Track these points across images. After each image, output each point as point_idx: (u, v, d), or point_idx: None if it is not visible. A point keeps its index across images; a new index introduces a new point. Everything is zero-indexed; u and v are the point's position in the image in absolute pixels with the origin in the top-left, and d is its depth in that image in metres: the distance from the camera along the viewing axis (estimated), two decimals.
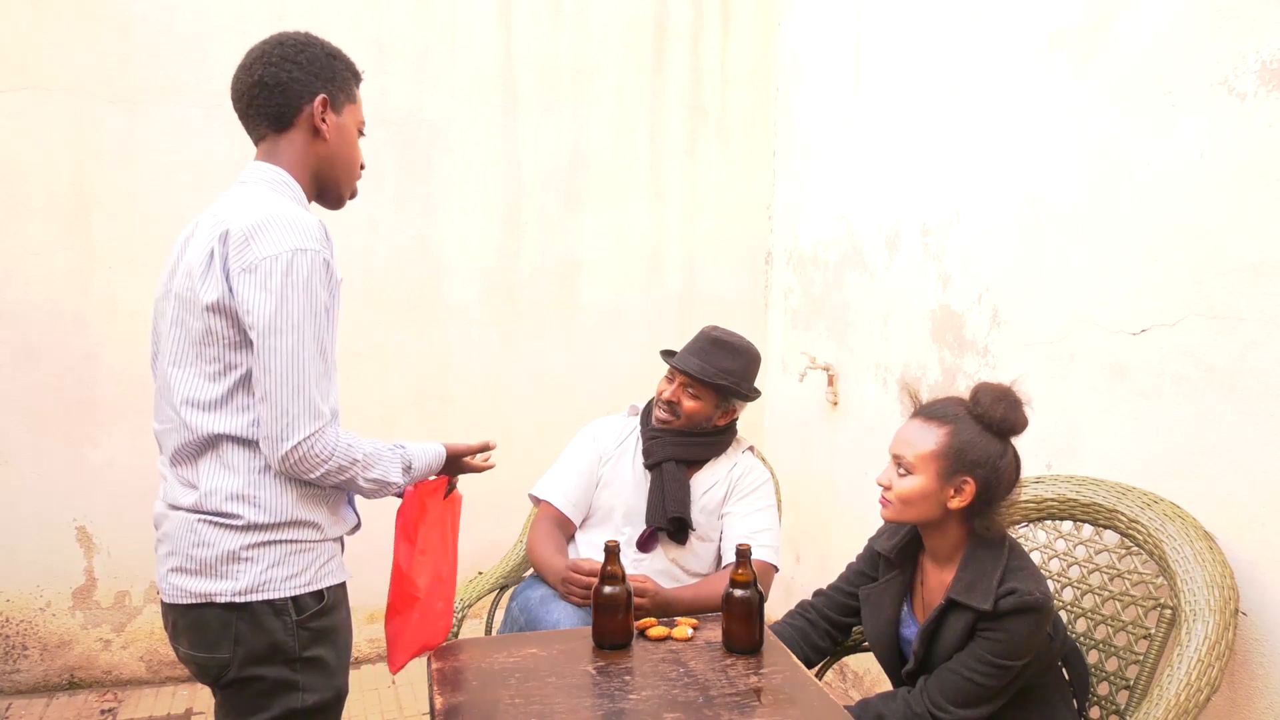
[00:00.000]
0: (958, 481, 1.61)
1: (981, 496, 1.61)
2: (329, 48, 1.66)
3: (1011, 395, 1.63)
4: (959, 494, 1.62)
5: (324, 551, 1.56)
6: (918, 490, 1.63)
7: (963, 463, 1.60)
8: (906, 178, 2.74)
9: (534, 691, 1.59)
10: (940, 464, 1.62)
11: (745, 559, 1.75)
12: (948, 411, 1.65)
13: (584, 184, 3.42)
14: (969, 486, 1.61)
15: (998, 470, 1.61)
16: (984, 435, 1.61)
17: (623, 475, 2.32)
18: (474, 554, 3.28)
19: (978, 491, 1.61)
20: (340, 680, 1.57)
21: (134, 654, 3.12)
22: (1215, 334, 1.75)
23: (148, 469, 3.05)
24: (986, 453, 1.60)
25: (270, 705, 1.50)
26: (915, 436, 1.65)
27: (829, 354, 3.21)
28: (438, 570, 1.79)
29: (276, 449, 1.42)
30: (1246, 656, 1.69)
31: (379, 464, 1.56)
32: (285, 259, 1.41)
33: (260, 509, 1.47)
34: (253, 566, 1.47)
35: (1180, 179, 1.82)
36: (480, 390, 3.38)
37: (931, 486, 1.62)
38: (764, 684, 1.64)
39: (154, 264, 3.00)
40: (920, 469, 1.63)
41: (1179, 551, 1.68)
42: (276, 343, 1.40)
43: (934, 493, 1.63)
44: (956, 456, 1.61)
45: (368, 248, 3.19)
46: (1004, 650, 1.55)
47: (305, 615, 1.50)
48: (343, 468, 1.49)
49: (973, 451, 1.60)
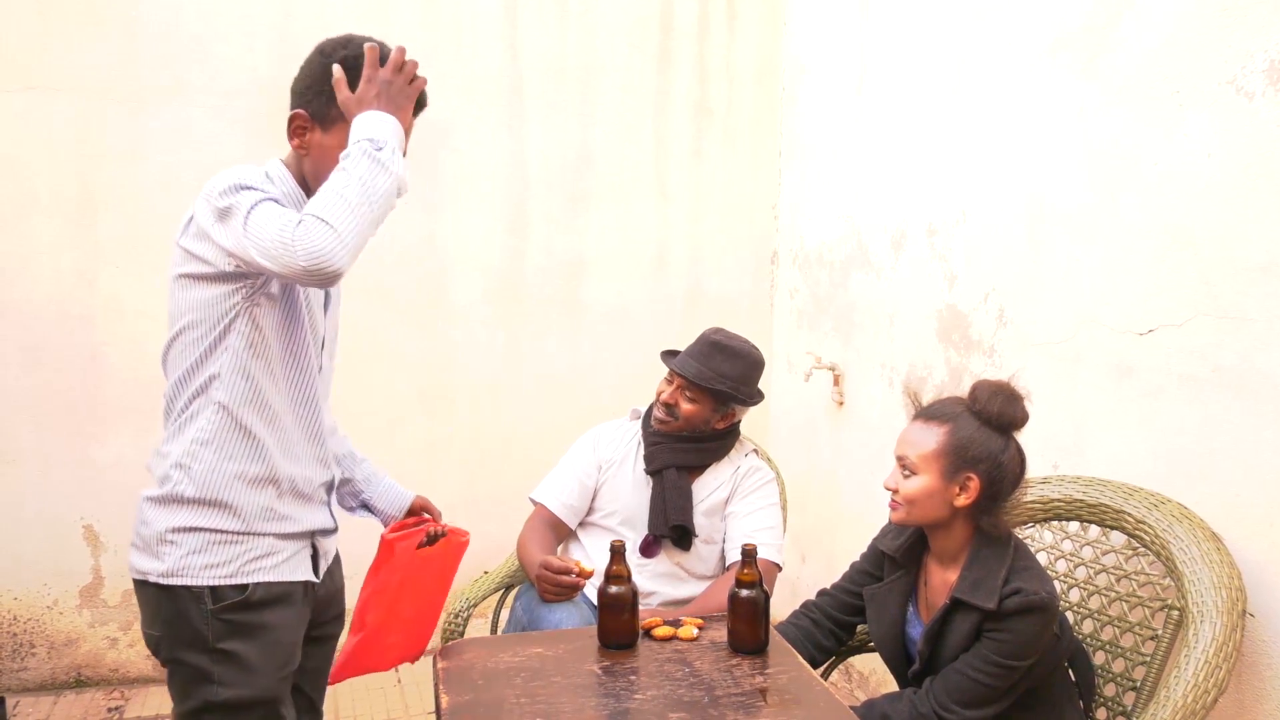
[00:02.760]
0: (962, 479, 1.62)
1: (987, 492, 1.62)
2: (344, 58, 1.64)
3: (1009, 389, 1.64)
4: (964, 491, 1.62)
5: (256, 546, 1.56)
6: (923, 490, 1.63)
7: (964, 459, 1.61)
8: (912, 177, 2.74)
9: (539, 691, 1.59)
10: (942, 462, 1.62)
11: (750, 559, 1.75)
12: (947, 410, 1.66)
13: (590, 183, 3.41)
14: (973, 483, 1.61)
15: (1000, 465, 1.61)
16: (984, 431, 1.62)
17: (624, 480, 2.32)
18: (479, 554, 3.27)
19: (983, 487, 1.61)
20: (266, 681, 1.53)
21: (141, 652, 3.13)
22: (1223, 334, 1.74)
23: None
24: (988, 448, 1.61)
25: (191, 694, 1.52)
26: (917, 437, 1.66)
27: (835, 354, 3.20)
28: (394, 608, 1.90)
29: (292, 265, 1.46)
30: (1254, 658, 1.68)
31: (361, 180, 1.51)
32: (226, 183, 1.52)
33: (191, 480, 1.54)
34: (175, 550, 1.52)
35: (1187, 179, 1.82)
36: (485, 390, 3.38)
37: (936, 485, 1.63)
38: (769, 684, 1.63)
39: (160, 263, 3.00)
40: (924, 469, 1.63)
41: (1186, 552, 1.68)
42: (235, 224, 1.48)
43: (939, 491, 1.63)
44: (958, 454, 1.61)
45: (374, 248, 3.17)
46: (1010, 650, 1.55)
47: (221, 605, 1.50)
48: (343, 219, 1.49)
49: (974, 448, 1.61)
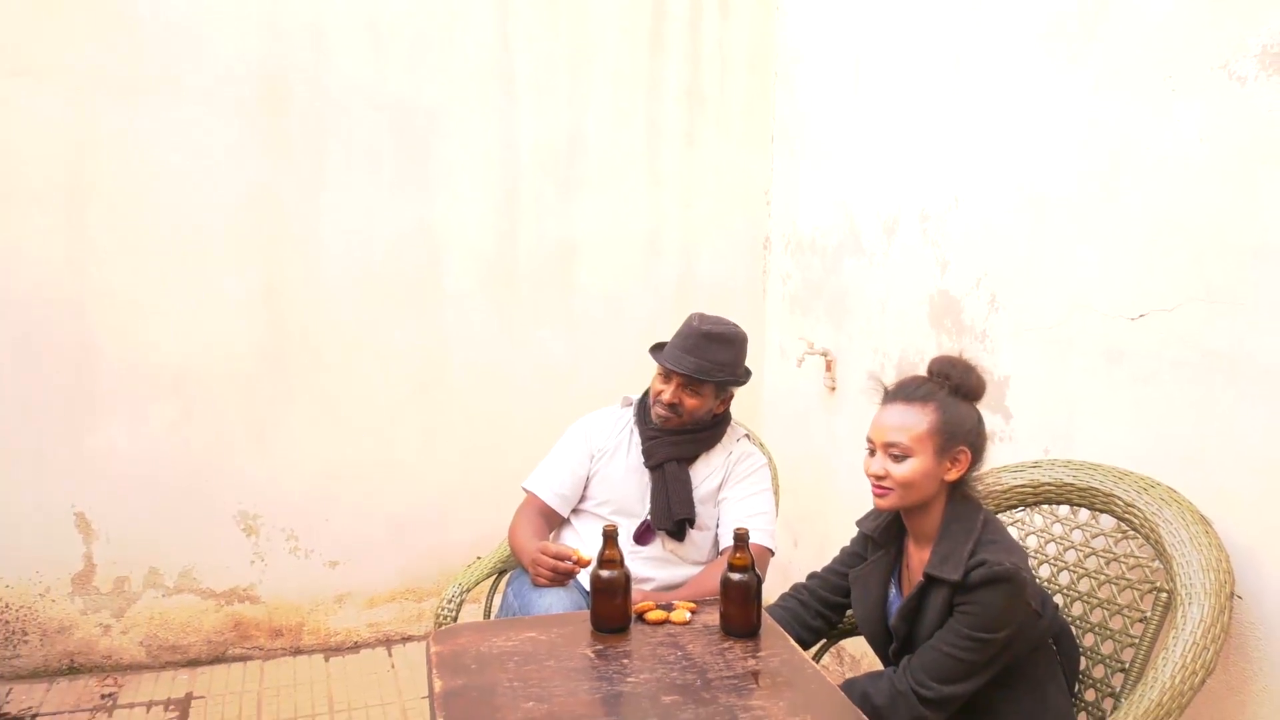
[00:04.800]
0: (954, 453, 1.66)
1: (973, 462, 1.68)
2: None
3: (968, 361, 1.73)
4: (955, 465, 1.66)
5: None
6: (919, 471, 1.65)
7: (955, 434, 1.66)
8: (905, 163, 2.74)
9: (532, 675, 1.60)
10: (936, 440, 1.65)
11: (743, 543, 1.75)
12: (925, 390, 1.69)
13: (582, 170, 3.40)
14: (964, 455, 1.67)
15: (980, 434, 1.69)
16: (962, 405, 1.68)
17: (616, 469, 2.32)
18: (473, 540, 3.30)
19: (971, 459, 1.68)
20: None
21: (133, 639, 3.13)
22: (1214, 319, 1.75)
23: (146, 456, 3.05)
24: (971, 419, 1.68)
25: None
26: (904, 420, 1.66)
27: (827, 339, 3.21)
28: None
29: None
30: (1242, 640, 1.69)
31: None
32: None
33: None
34: None
35: (1180, 163, 1.82)
36: (480, 378, 3.38)
37: (931, 464, 1.65)
38: (761, 667, 1.64)
39: (152, 253, 3.00)
40: (918, 450, 1.65)
41: (1175, 535, 1.69)
42: None
43: (933, 469, 1.66)
44: (949, 430, 1.65)
45: (366, 235, 3.18)
46: (979, 623, 1.56)
47: None
48: None
49: (963, 422, 1.67)
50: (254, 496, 3.19)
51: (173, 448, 3.08)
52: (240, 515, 3.19)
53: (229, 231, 3.05)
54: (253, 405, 3.15)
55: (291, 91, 3.05)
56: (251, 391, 3.14)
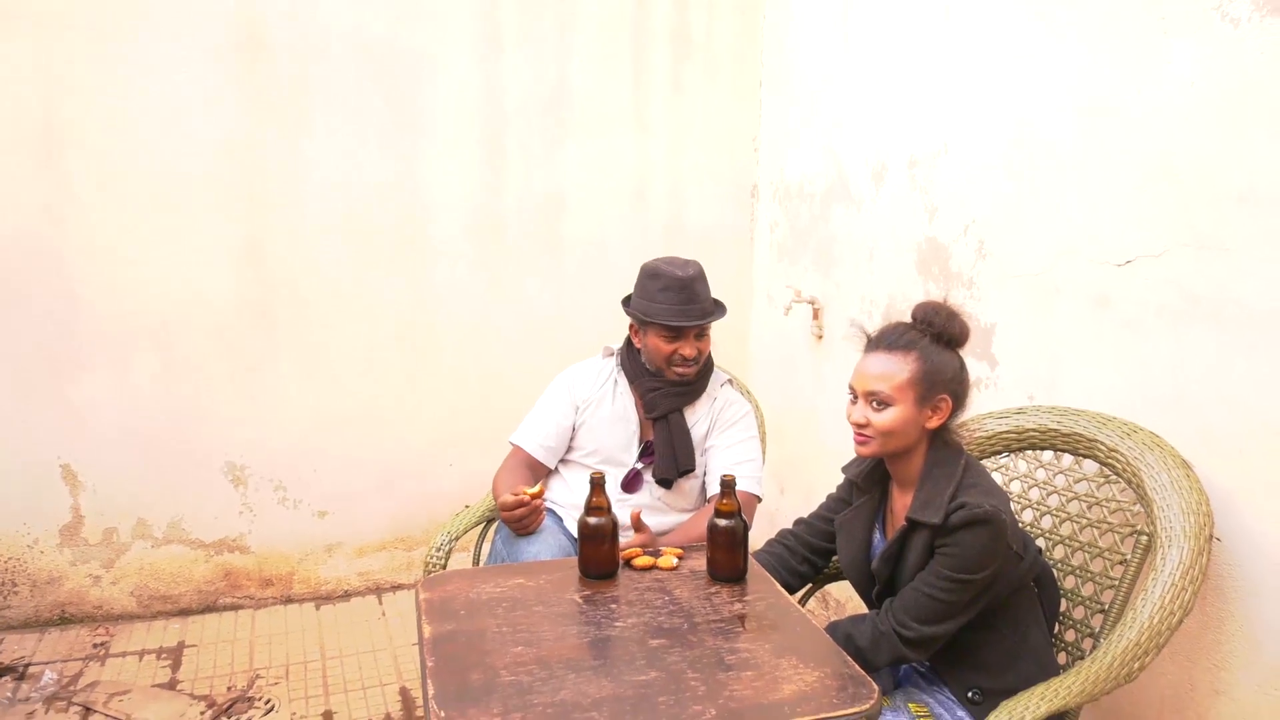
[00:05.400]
0: (935, 401, 1.66)
1: (955, 409, 1.68)
2: None
3: (951, 307, 1.70)
4: (936, 413, 1.66)
5: None
6: (900, 419, 1.65)
7: (936, 382, 1.65)
8: (894, 109, 2.71)
9: (521, 620, 1.62)
10: (918, 389, 1.65)
11: (729, 489, 1.77)
12: (907, 338, 1.68)
13: (568, 116, 3.36)
14: (945, 403, 1.66)
15: (962, 380, 1.69)
16: (944, 352, 1.67)
17: (602, 419, 2.32)
18: (462, 489, 3.31)
19: (953, 406, 1.67)
20: None
21: (124, 589, 3.15)
22: (1201, 264, 1.75)
23: (131, 408, 3.04)
24: (952, 367, 1.67)
25: None
26: (886, 368, 1.66)
27: (814, 287, 3.20)
28: None
29: None
30: (1219, 581, 1.72)
31: None
32: None
33: None
34: None
35: (1170, 108, 1.80)
36: (467, 328, 3.37)
37: (911, 413, 1.65)
38: (748, 610, 1.66)
39: (131, 202, 2.95)
40: (899, 399, 1.65)
41: (1157, 479, 1.71)
42: None
43: (914, 418, 1.66)
44: (931, 378, 1.65)
45: (351, 185, 3.14)
46: (958, 564, 1.58)
47: None
48: None
49: (944, 370, 1.66)
50: (241, 447, 3.19)
51: (157, 399, 3.07)
52: (228, 466, 3.19)
53: (209, 180, 3.00)
54: (237, 356, 3.13)
55: (270, 33, 2.98)
56: (236, 343, 3.12)
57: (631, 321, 2.31)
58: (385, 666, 2.89)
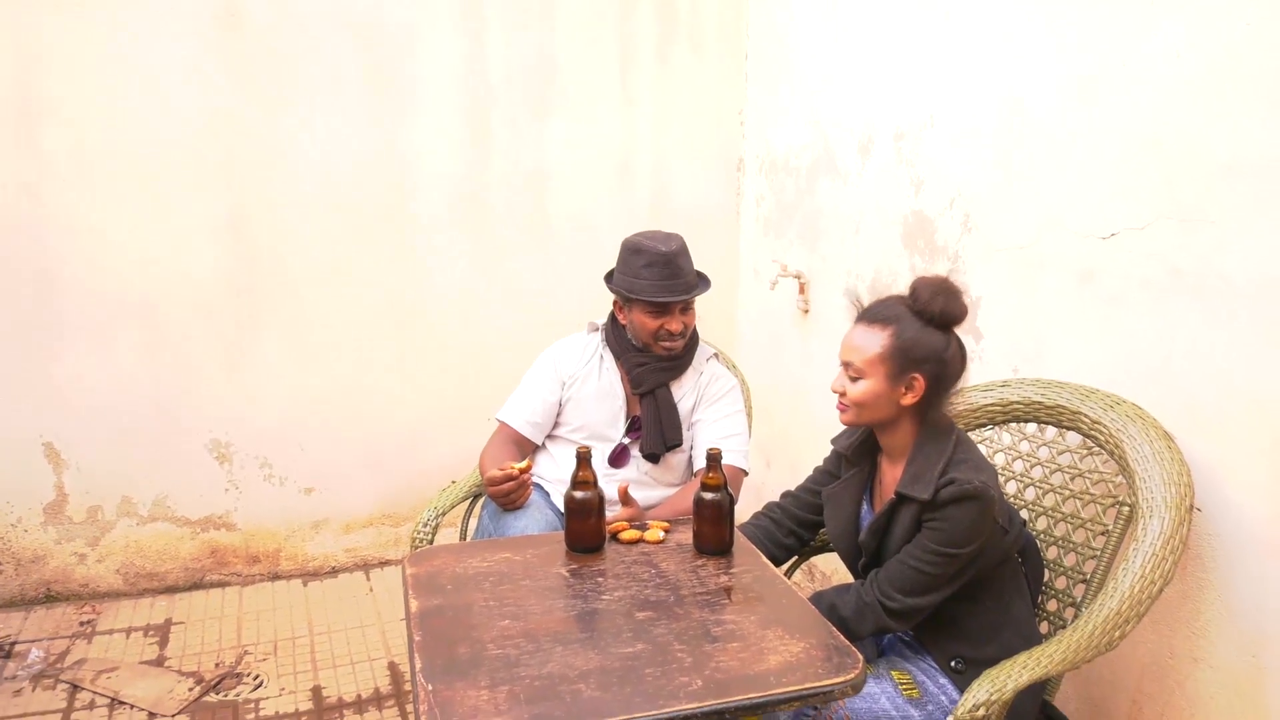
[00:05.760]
0: (908, 379, 1.64)
1: (932, 390, 1.65)
2: None
3: (949, 286, 1.65)
4: (910, 390, 1.65)
5: None
6: (870, 393, 1.66)
7: (909, 360, 1.63)
8: (880, 82, 2.70)
9: (508, 594, 1.62)
10: (888, 365, 1.64)
11: (715, 463, 1.77)
12: (889, 312, 1.67)
13: (552, 91, 3.33)
14: (919, 382, 1.64)
15: (944, 362, 1.64)
16: (926, 330, 1.64)
17: (588, 394, 2.32)
18: (449, 465, 3.31)
19: (928, 386, 1.65)
20: None
21: (110, 567, 3.14)
22: (1184, 237, 1.75)
23: (114, 386, 3.02)
24: (931, 347, 1.63)
25: None
26: (861, 341, 1.67)
27: (801, 262, 3.20)
28: None
29: None
30: (1199, 550, 1.75)
31: None
32: None
33: None
34: None
35: (1155, 80, 1.80)
36: (452, 304, 3.36)
37: (882, 388, 1.65)
38: (734, 583, 1.68)
39: (111, 177, 2.91)
40: (870, 372, 1.65)
41: (1139, 451, 1.72)
42: None
43: (885, 393, 1.66)
44: (903, 355, 1.63)
45: (331, 159, 3.11)
46: (946, 538, 1.59)
47: None
48: None
49: (918, 349, 1.63)
50: (225, 424, 3.18)
51: (141, 377, 3.05)
52: (213, 444, 3.18)
53: (191, 155, 2.96)
54: (221, 332, 3.11)
55: (251, 5, 2.94)
56: (219, 319, 3.10)
57: (615, 298, 2.31)
58: (373, 641, 2.90)
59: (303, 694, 2.62)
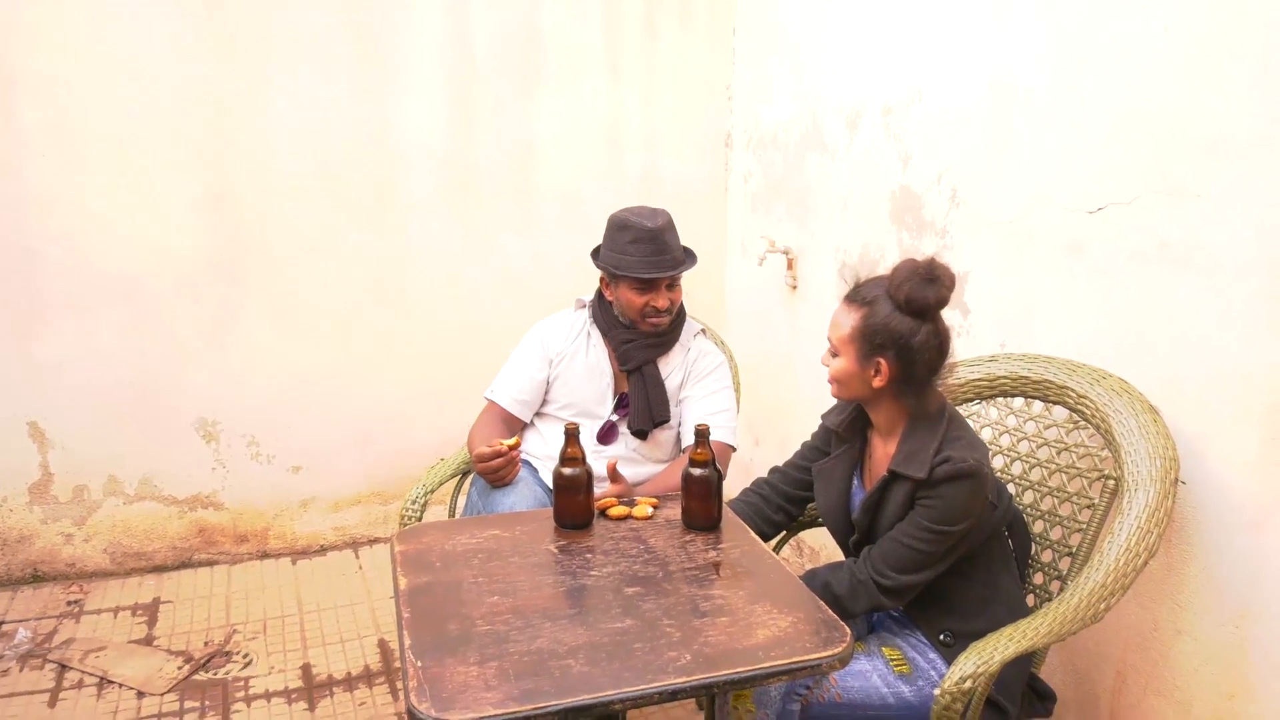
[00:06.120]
0: (874, 363, 1.64)
1: (900, 375, 1.64)
2: None
3: (927, 271, 1.60)
4: (878, 374, 1.65)
5: None
6: (844, 372, 1.68)
7: (874, 344, 1.63)
8: (869, 56, 2.68)
9: (497, 571, 1.62)
10: (856, 346, 1.65)
11: (704, 439, 1.78)
12: (870, 294, 1.66)
13: (538, 63, 3.30)
14: (884, 366, 1.63)
15: (910, 349, 1.61)
16: (895, 315, 1.61)
17: (576, 372, 2.32)
18: (437, 442, 3.31)
19: (894, 371, 1.63)
20: None
21: (97, 547, 3.13)
22: (1172, 211, 1.75)
23: (98, 365, 3.00)
24: (897, 333, 1.61)
25: None
26: (839, 319, 1.68)
27: (789, 237, 3.20)
28: None
29: None
30: (1184, 523, 1.76)
31: None
32: None
33: None
34: None
35: (1144, 54, 1.80)
36: (439, 281, 3.34)
37: (853, 368, 1.66)
38: (722, 558, 1.68)
39: (91, 154, 2.88)
40: (843, 351, 1.67)
41: (1125, 424, 1.73)
42: None
43: (857, 374, 1.67)
44: (868, 339, 1.63)
45: (315, 132, 3.08)
46: (940, 516, 1.60)
47: None
48: None
49: (881, 334, 1.62)
50: (212, 403, 3.16)
51: (125, 355, 3.03)
52: (199, 422, 3.16)
53: (171, 130, 2.93)
54: (205, 310, 3.09)
55: None
56: (204, 297, 3.08)
57: (601, 274, 2.30)
58: (363, 619, 2.91)
59: (292, 672, 2.62)
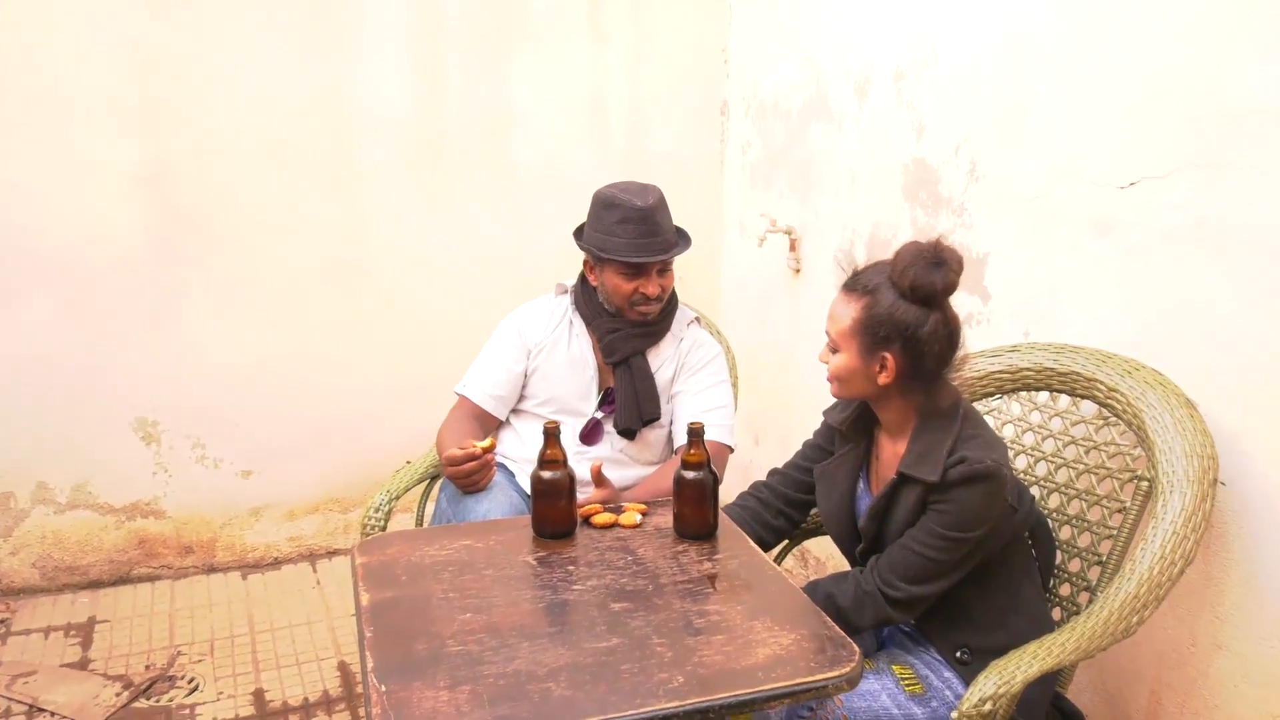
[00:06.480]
0: (880, 358, 1.63)
1: (908, 370, 1.63)
2: None
3: (932, 254, 1.59)
4: (884, 370, 1.63)
5: None
6: (845, 368, 1.67)
7: (877, 338, 1.62)
8: (878, 15, 2.68)
9: (470, 585, 1.62)
10: (858, 340, 1.64)
11: (698, 438, 1.78)
12: (871, 281, 1.64)
13: (514, 23, 3.29)
14: (890, 361, 1.62)
15: (918, 340, 1.60)
16: (900, 304, 1.60)
17: (557, 364, 2.31)
18: (402, 443, 3.30)
19: (900, 366, 1.62)
20: None
21: (24, 560, 3.12)
22: (1210, 185, 1.76)
23: (25, 356, 2.99)
24: (903, 323, 1.59)
25: None
26: (838, 311, 1.67)
27: (791, 215, 3.20)
28: None
29: None
30: (1224, 528, 1.77)
31: None
32: None
33: None
34: None
35: (1175, 16, 1.80)
36: (404, 262, 3.33)
37: (856, 364, 1.65)
38: (718, 570, 1.68)
39: (19, 123, 2.85)
40: (844, 346, 1.66)
41: (1159, 421, 1.74)
42: None
43: (860, 370, 1.65)
44: (871, 331, 1.62)
45: (264, 98, 3.07)
46: (953, 522, 1.60)
47: None
48: None
49: (886, 325, 1.60)
50: (152, 400, 3.15)
51: (55, 347, 3.01)
52: (138, 422, 3.15)
53: (104, 95, 2.91)
54: (145, 295, 3.07)
55: None
56: (142, 280, 3.06)
57: (586, 257, 2.29)
58: (321, 639, 2.91)
59: (243, 698, 2.62)
